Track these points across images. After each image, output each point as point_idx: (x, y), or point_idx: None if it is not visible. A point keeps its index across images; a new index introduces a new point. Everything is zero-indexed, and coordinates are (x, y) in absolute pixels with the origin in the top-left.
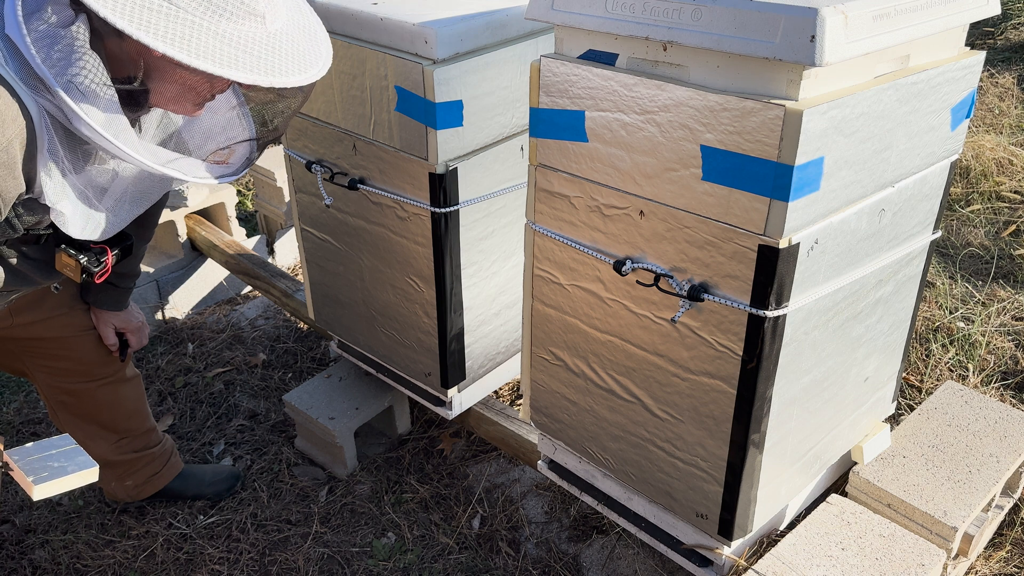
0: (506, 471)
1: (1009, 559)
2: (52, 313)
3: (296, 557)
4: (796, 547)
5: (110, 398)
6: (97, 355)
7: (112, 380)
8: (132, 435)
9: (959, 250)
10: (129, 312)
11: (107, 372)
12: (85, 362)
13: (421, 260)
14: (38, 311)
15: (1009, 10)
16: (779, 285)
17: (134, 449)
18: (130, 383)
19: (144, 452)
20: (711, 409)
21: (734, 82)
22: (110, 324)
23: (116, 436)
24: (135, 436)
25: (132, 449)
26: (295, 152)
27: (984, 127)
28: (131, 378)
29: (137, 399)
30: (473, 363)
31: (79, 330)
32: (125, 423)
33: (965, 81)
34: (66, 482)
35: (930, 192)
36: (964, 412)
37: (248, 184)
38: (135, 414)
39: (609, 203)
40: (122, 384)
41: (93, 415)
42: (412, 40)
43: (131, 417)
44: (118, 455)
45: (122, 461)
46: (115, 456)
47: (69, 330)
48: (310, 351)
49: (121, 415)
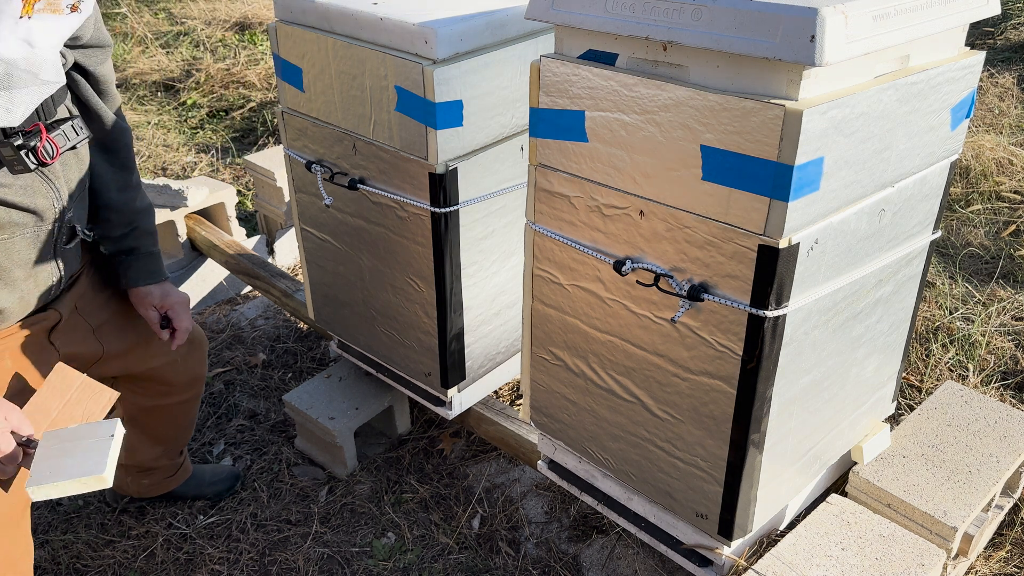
0: (506, 471)
1: (1009, 559)
2: (137, 341)
3: (296, 557)
4: (796, 547)
5: (182, 412)
6: (188, 375)
7: (193, 398)
8: (177, 445)
9: (959, 250)
10: (166, 287)
11: (193, 393)
12: (178, 383)
13: (421, 260)
14: (123, 340)
15: (1009, 10)
16: (779, 285)
17: (169, 458)
18: (194, 401)
19: (174, 460)
20: (711, 409)
21: (734, 82)
22: (149, 305)
23: (163, 448)
24: (179, 444)
25: (167, 457)
26: (295, 152)
27: (984, 127)
28: (195, 397)
29: (194, 415)
30: (473, 363)
31: (168, 359)
32: (176, 435)
33: (965, 81)
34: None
35: (930, 192)
36: (964, 412)
37: (248, 184)
38: (187, 428)
39: (609, 203)
40: (197, 401)
41: (158, 428)
42: (412, 40)
43: (185, 430)
44: (155, 461)
45: (156, 467)
46: (152, 463)
47: (159, 360)
48: (310, 351)
49: (178, 429)
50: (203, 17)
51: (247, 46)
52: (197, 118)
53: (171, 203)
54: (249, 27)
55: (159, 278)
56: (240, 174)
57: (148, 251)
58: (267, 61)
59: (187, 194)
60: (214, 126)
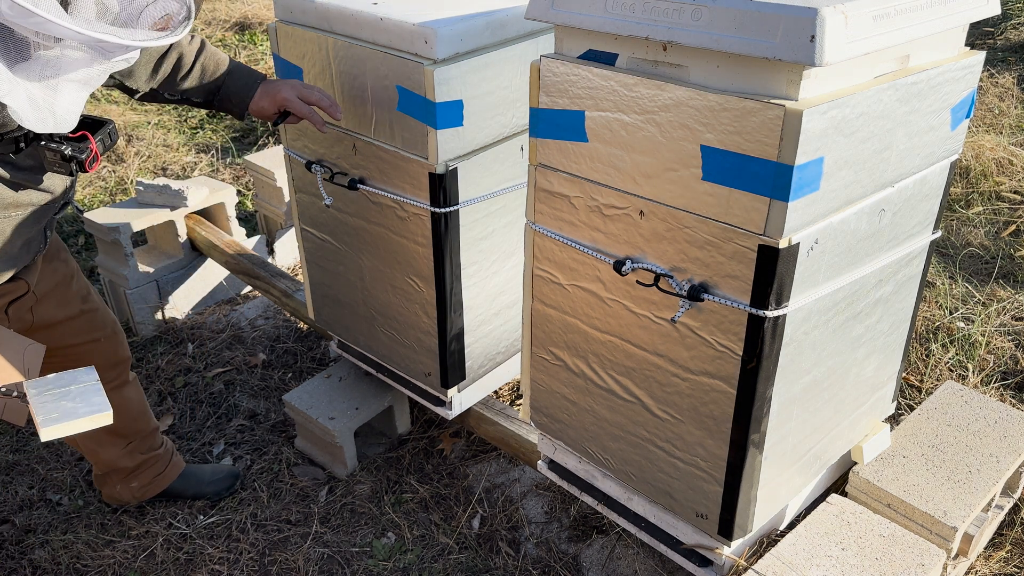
0: (506, 471)
1: (1009, 559)
2: (67, 315)
3: (296, 557)
4: (796, 547)
5: (116, 402)
6: (102, 360)
7: (116, 384)
8: (139, 437)
9: (959, 250)
10: (269, 89)
11: (111, 377)
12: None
13: (421, 260)
14: (55, 312)
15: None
16: (779, 285)
17: (141, 451)
18: (131, 385)
19: (151, 454)
20: (711, 409)
21: (734, 82)
22: (274, 114)
23: (125, 441)
24: (142, 438)
25: (140, 451)
26: (295, 152)
27: (984, 127)
28: (132, 381)
29: (140, 400)
30: (473, 363)
31: (87, 338)
32: (132, 425)
33: (965, 81)
34: (76, 425)
35: (930, 192)
36: (964, 412)
37: (248, 184)
38: (140, 415)
39: (609, 203)
40: (125, 387)
41: None
42: (412, 40)
43: (137, 419)
44: (128, 460)
45: (130, 465)
46: (125, 461)
47: (79, 337)
48: (310, 351)
49: (128, 418)
50: (203, 17)
51: (247, 46)
52: (197, 118)
53: (171, 203)
54: (249, 27)
55: (255, 83)
56: (240, 174)
57: (230, 77)
58: (267, 61)
59: (187, 194)
60: (214, 126)
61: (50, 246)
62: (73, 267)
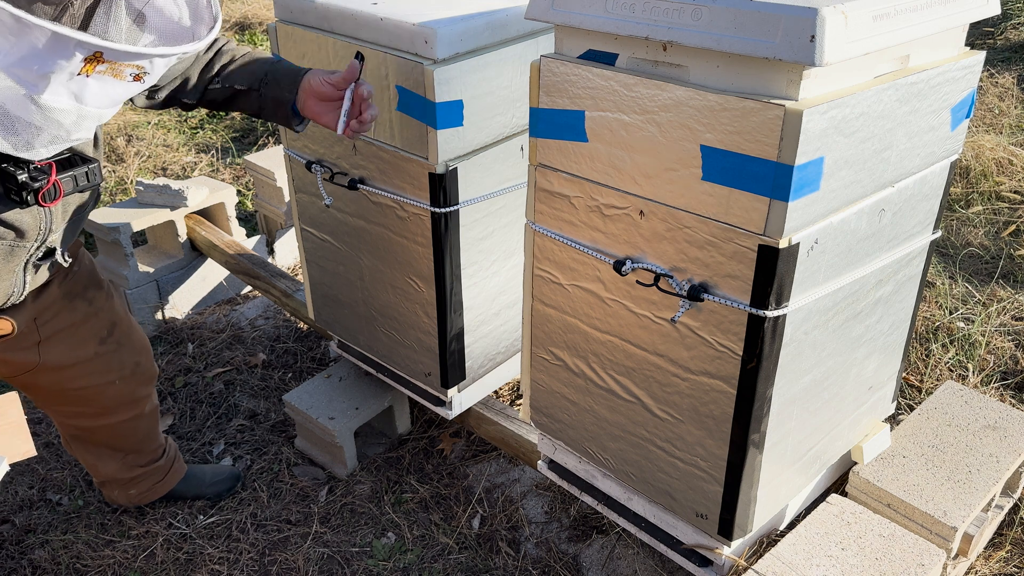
0: (506, 471)
1: (1009, 559)
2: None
3: (296, 557)
4: (796, 547)
5: (126, 431)
6: (121, 400)
7: (132, 419)
8: (141, 453)
9: (959, 250)
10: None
11: (130, 414)
12: (109, 407)
13: (421, 260)
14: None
15: (1009, 10)
16: (779, 285)
17: (140, 464)
18: (145, 417)
19: (150, 467)
20: (711, 409)
21: (734, 82)
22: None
23: (123, 454)
24: (143, 453)
25: (139, 464)
26: (295, 152)
27: (984, 127)
28: (146, 414)
29: (152, 426)
30: (473, 363)
31: (101, 380)
32: (136, 446)
33: (965, 81)
34: None
35: (930, 192)
36: (964, 412)
37: (248, 184)
38: (147, 438)
39: (609, 203)
40: (141, 419)
41: (107, 443)
42: (412, 40)
43: (143, 441)
44: (125, 472)
45: (129, 477)
46: (122, 473)
47: (91, 380)
48: (310, 351)
49: (134, 441)
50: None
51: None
52: (197, 118)
53: (171, 203)
54: (249, 27)
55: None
56: (240, 174)
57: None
58: None
59: (187, 194)
60: (214, 126)
61: (75, 283)
62: (98, 307)
